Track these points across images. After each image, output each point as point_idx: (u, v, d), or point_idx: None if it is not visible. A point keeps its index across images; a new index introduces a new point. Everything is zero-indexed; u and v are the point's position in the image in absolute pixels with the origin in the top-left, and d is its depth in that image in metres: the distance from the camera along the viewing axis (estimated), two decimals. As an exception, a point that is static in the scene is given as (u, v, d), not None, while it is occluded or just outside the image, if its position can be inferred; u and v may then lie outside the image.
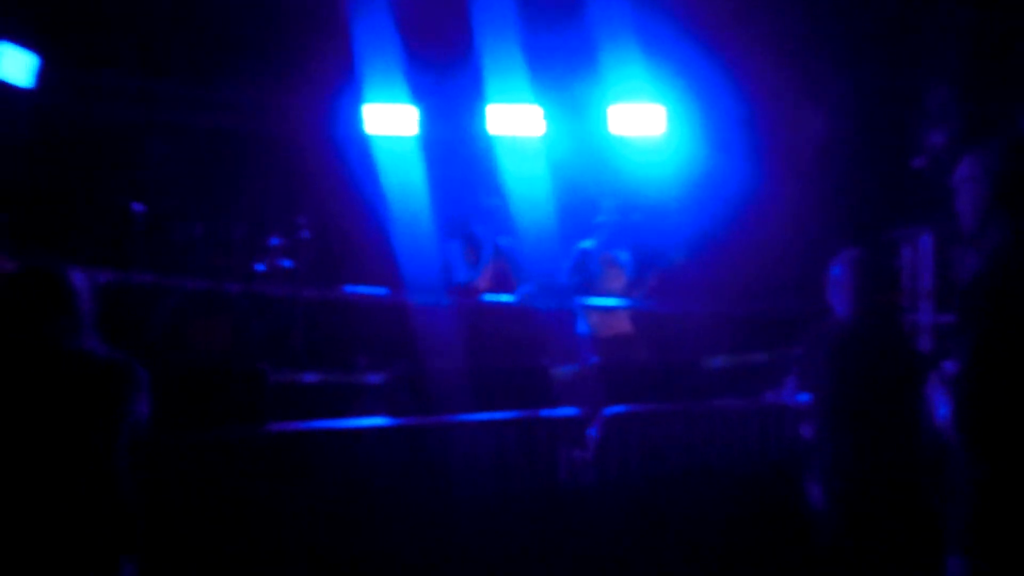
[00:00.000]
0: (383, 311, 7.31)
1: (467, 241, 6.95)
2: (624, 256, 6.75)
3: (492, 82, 8.40)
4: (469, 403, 4.13)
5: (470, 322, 6.24)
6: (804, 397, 3.91)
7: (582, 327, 6.67)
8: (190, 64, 8.27)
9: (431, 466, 3.76)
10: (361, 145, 8.53)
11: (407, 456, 3.73)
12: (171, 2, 7.93)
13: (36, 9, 7.34)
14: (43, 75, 7.72)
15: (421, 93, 8.58)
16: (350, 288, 7.24)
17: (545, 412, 4.09)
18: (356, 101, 8.46)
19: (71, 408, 2.63)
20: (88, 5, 7.76)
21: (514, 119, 8.47)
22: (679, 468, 4.15)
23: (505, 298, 6.40)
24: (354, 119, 8.55)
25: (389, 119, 8.49)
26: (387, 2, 8.12)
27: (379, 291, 7.05)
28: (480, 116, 8.59)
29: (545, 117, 8.48)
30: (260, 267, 8.07)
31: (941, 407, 3.32)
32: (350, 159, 8.49)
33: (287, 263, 8.00)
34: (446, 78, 8.66)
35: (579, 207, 7.63)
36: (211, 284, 6.73)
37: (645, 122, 8.40)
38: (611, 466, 3.99)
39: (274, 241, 8.11)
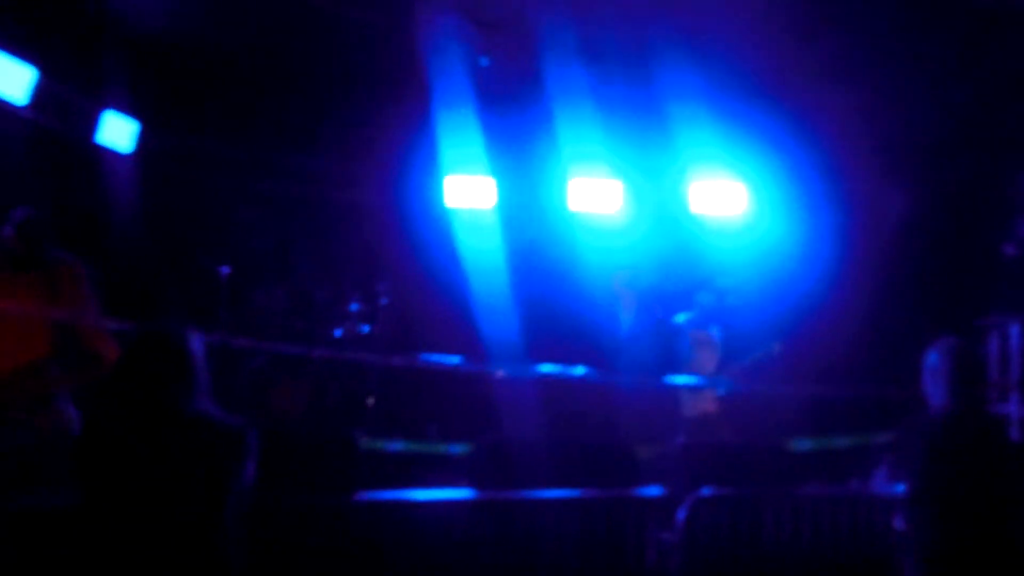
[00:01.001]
0: (458, 380, 7.31)
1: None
2: (717, 335, 6.70)
3: (570, 156, 8.49)
4: (552, 478, 4.09)
5: (550, 395, 6.18)
6: (898, 487, 3.80)
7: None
8: (279, 133, 8.53)
9: (516, 542, 3.71)
10: (440, 216, 8.67)
11: (492, 531, 3.69)
12: (261, 75, 8.21)
13: (139, 80, 7.66)
14: (141, 141, 8.05)
15: (500, 166, 8.72)
16: (426, 357, 7.26)
17: (632, 491, 4.04)
18: (436, 173, 8.63)
19: (187, 471, 2.66)
20: (184, 76, 8.07)
21: (592, 193, 8.53)
22: (768, 555, 4.05)
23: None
24: (434, 190, 8.71)
25: (468, 191, 8.63)
26: (469, 77, 8.30)
27: (454, 360, 7.05)
28: (559, 189, 8.68)
29: (624, 192, 8.53)
30: (338, 332, 8.17)
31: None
32: (430, 229, 8.64)
33: (365, 329, 8.09)
34: (525, 152, 8.79)
35: (658, 284, 7.61)
36: (292, 349, 6.80)
37: (726, 200, 8.39)
38: (699, 551, 3.90)
39: (354, 307, 8.22)
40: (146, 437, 2.67)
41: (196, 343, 2.82)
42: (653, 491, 4.14)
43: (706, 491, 4.01)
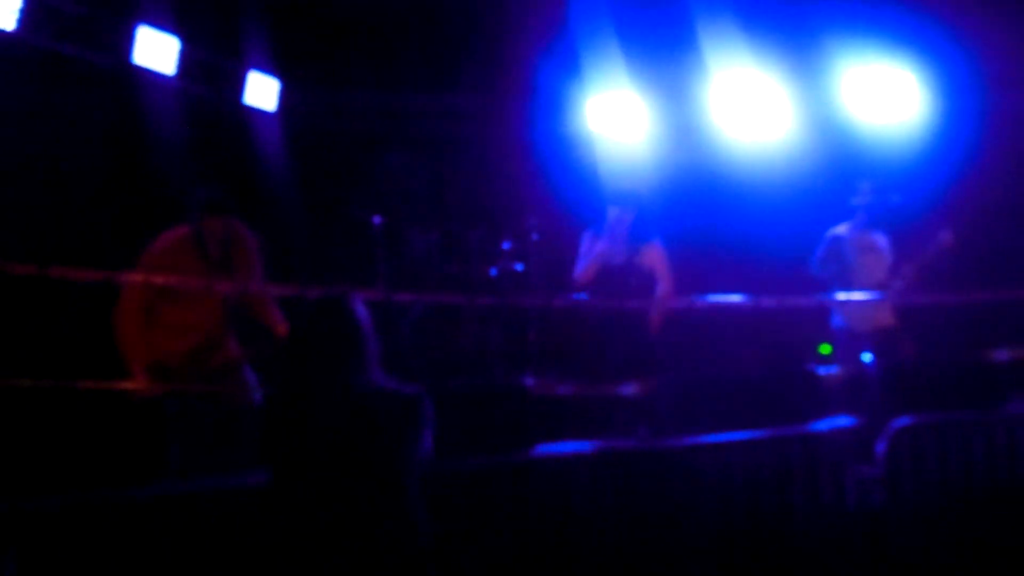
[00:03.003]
0: (619, 317, 7.12)
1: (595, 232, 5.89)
2: (883, 240, 6.23)
3: (717, 64, 8.05)
4: (734, 415, 3.88)
5: (717, 325, 5.92)
6: None
7: (836, 321, 6.23)
8: (419, 77, 8.44)
9: (706, 487, 3.53)
10: (586, 142, 8.44)
11: (680, 476, 3.52)
12: (395, 18, 8.11)
13: (276, 38, 7.69)
14: (284, 98, 8.12)
15: (645, 84, 8.38)
16: (578, 295, 7.07)
17: (824, 425, 3.78)
18: (580, 98, 8.38)
19: (367, 446, 2.60)
20: (319, 28, 8.06)
21: (744, 106, 8.08)
22: (981, 486, 3.72)
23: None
24: (578, 116, 8.47)
25: (614, 113, 8.35)
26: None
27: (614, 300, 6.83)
28: (707, 105, 8.27)
29: (781, 100, 8.03)
30: (493, 271, 8.11)
31: None
32: (575, 157, 8.42)
33: (519, 266, 8.00)
34: (670, 67, 8.40)
35: (821, 192, 7.18)
36: (453, 297, 6.76)
37: (887, 97, 7.79)
38: (905, 485, 3.62)
39: (506, 245, 8.13)
40: (324, 415, 2.61)
41: (362, 311, 2.74)
42: (845, 422, 3.87)
43: (905, 419, 3.70)
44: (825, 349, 6.88)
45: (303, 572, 2.54)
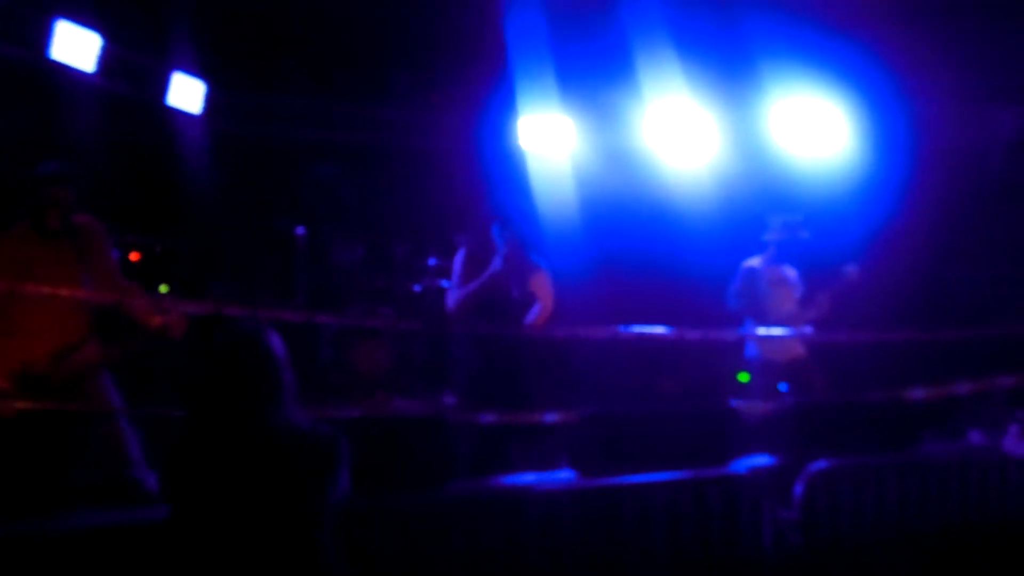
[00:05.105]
0: (542, 342, 7.07)
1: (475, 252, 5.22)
2: (792, 274, 6.34)
3: (649, 89, 8.10)
4: (652, 449, 3.86)
5: (638, 356, 5.89)
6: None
7: (751, 351, 6.30)
8: (351, 86, 8.32)
9: (621, 529, 3.48)
10: (518, 159, 8.41)
11: (596, 515, 3.47)
12: (328, 26, 7.98)
13: (204, 39, 7.50)
14: (209, 101, 7.92)
15: (576, 105, 8.39)
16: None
17: (743, 465, 3.78)
18: (512, 115, 8.35)
19: (280, 487, 2.49)
20: (249, 32, 7.89)
21: (671, 131, 8.13)
22: (897, 528, 3.77)
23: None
24: (510, 134, 8.45)
25: (545, 132, 8.35)
26: (541, 13, 7.94)
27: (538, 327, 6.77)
28: (637, 127, 8.32)
29: (711, 128, 8.11)
30: (417, 287, 8.03)
31: None
32: (506, 175, 8.38)
33: (445, 283, 7.93)
34: (601, 89, 8.43)
35: (748, 222, 7.26)
36: (368, 320, 6.63)
37: (812, 131, 7.92)
38: (821, 528, 3.64)
39: (432, 261, 8.05)
40: (235, 455, 2.50)
41: (277, 344, 2.63)
42: (764, 461, 3.88)
43: (822, 462, 3.73)
44: (744, 377, 6.95)
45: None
